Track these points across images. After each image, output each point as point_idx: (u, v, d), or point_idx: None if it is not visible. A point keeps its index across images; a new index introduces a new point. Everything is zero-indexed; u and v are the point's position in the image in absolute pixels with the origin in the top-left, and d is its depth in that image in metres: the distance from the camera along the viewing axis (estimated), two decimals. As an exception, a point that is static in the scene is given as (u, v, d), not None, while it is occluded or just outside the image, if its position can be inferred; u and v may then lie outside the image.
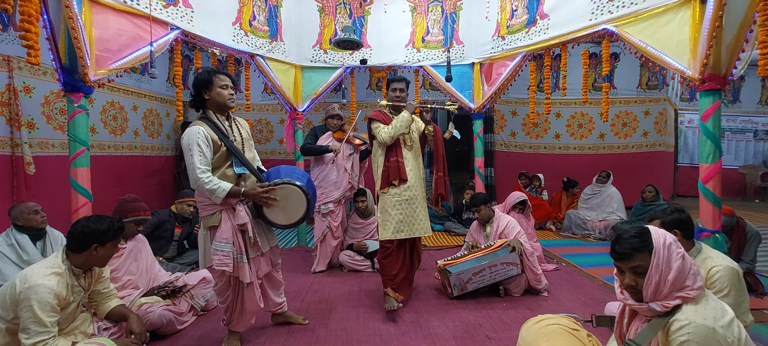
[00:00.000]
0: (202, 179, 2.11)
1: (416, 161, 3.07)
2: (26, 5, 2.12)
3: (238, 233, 2.25)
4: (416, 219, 3.01)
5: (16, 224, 2.67)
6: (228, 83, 2.29)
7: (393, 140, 2.95)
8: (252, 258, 2.32)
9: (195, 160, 2.11)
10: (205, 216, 2.28)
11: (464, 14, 4.67)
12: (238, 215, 2.23)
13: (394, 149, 2.98)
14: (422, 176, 3.12)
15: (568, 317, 1.82)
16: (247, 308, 2.37)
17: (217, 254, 2.20)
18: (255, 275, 2.35)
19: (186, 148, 2.14)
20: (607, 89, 3.51)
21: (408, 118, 2.92)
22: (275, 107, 7.00)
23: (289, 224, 2.40)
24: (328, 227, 3.97)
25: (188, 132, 2.16)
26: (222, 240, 2.21)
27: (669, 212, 2.00)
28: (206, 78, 2.24)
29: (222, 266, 2.19)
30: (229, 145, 2.25)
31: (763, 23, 2.23)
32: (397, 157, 2.96)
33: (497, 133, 7.29)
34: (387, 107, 3.07)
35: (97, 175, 3.08)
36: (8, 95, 3.87)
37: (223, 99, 2.27)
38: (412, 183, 2.99)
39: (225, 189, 2.14)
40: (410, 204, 2.97)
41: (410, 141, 3.06)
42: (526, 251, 3.17)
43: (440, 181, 3.14)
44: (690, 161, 8.57)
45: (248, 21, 4.02)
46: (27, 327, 1.78)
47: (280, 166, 2.53)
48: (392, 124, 2.93)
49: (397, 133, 2.91)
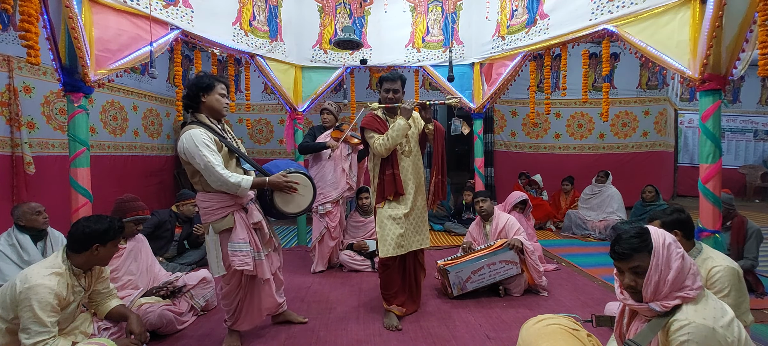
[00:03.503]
0: (225, 175, 2.09)
1: (415, 168, 2.80)
2: (26, 5, 2.12)
3: (253, 232, 2.29)
4: (418, 231, 2.82)
5: (18, 224, 2.67)
6: (226, 93, 2.33)
7: (390, 152, 2.68)
8: (266, 255, 2.37)
9: (211, 159, 2.08)
10: (215, 221, 2.22)
11: (464, 14, 4.67)
12: (252, 214, 2.28)
13: (389, 160, 2.71)
14: (423, 181, 2.89)
15: (568, 317, 1.82)
16: (262, 305, 2.42)
17: (236, 255, 2.21)
18: (270, 271, 2.40)
19: (194, 152, 2.08)
20: (607, 89, 3.51)
21: (404, 127, 2.63)
22: (275, 107, 7.00)
23: (300, 211, 2.50)
24: (325, 228, 3.96)
25: (189, 136, 2.10)
26: (239, 241, 2.22)
27: (669, 212, 2.00)
28: (208, 82, 2.25)
29: (243, 265, 2.21)
30: (229, 145, 2.27)
31: (763, 23, 2.23)
32: (393, 170, 2.70)
33: (497, 133, 7.29)
34: (380, 110, 2.79)
35: (97, 175, 3.09)
36: (8, 95, 3.87)
37: (219, 106, 2.28)
38: (412, 193, 2.75)
39: (249, 180, 2.17)
40: (410, 217, 2.75)
41: (408, 147, 2.76)
42: (528, 249, 3.17)
43: (439, 185, 2.86)
44: (690, 161, 8.56)
45: (248, 21, 4.02)
46: (27, 327, 1.79)
47: (276, 159, 2.59)
48: (387, 134, 2.63)
49: (394, 144, 2.64)
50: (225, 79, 2.34)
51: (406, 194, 2.74)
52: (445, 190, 2.95)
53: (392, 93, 2.71)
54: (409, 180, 2.76)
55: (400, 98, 2.75)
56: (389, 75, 2.73)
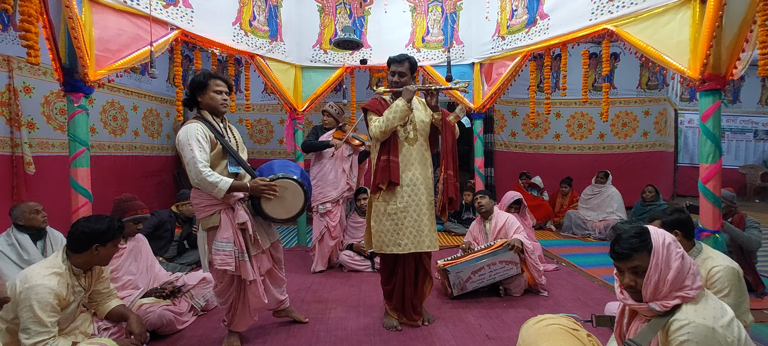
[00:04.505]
0: (204, 173, 2.09)
1: (422, 160, 2.54)
2: (26, 5, 2.12)
3: (239, 232, 2.26)
4: (418, 231, 2.50)
5: (17, 224, 2.67)
6: (222, 89, 2.31)
7: (386, 135, 2.46)
8: (253, 255, 2.33)
9: (196, 154, 2.09)
10: (204, 218, 2.26)
11: (464, 14, 4.67)
12: (238, 214, 2.24)
13: (386, 146, 2.49)
14: (430, 177, 2.60)
15: (568, 317, 1.82)
16: (250, 306, 2.39)
17: (218, 254, 2.20)
18: (257, 272, 2.37)
19: (184, 144, 2.11)
20: (607, 89, 3.51)
21: (402, 108, 2.40)
22: (275, 107, 6.99)
23: (289, 217, 2.43)
24: (325, 227, 3.97)
25: (185, 129, 2.15)
26: (223, 240, 2.21)
27: (669, 212, 2.00)
28: (201, 81, 2.26)
29: (224, 265, 2.19)
30: (225, 144, 2.26)
31: (763, 23, 2.23)
32: (388, 156, 2.46)
33: (497, 133, 7.29)
34: (387, 94, 2.61)
35: (97, 175, 3.09)
36: (8, 95, 3.87)
37: (215, 103, 2.28)
38: (411, 185, 2.50)
39: (228, 182, 2.14)
40: (407, 213, 2.48)
41: (413, 133, 2.51)
42: (528, 248, 3.17)
43: (450, 182, 2.52)
44: (690, 161, 8.56)
45: (248, 21, 4.02)
46: (27, 327, 1.79)
47: (273, 160, 2.55)
48: (384, 114, 2.44)
49: (390, 125, 2.42)
50: (220, 75, 2.33)
51: (403, 185, 2.50)
52: (457, 191, 2.60)
53: (398, 76, 2.52)
54: (410, 170, 2.51)
55: (407, 82, 2.53)
56: (396, 57, 2.56)
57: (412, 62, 2.57)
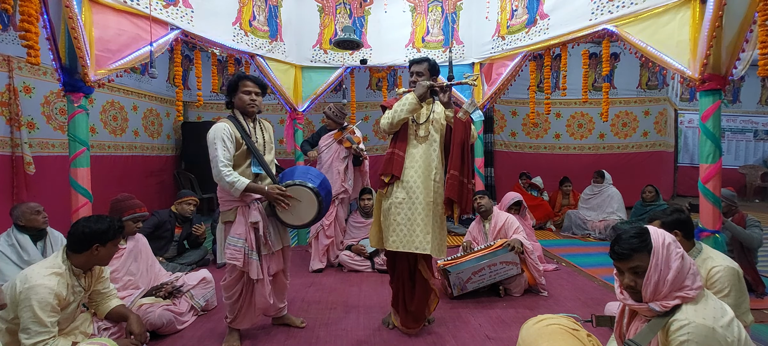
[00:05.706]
0: (223, 172, 2.21)
1: (427, 159, 2.47)
2: (26, 5, 2.12)
3: (251, 230, 2.32)
4: (411, 231, 2.41)
5: (17, 224, 2.66)
6: (251, 89, 2.39)
7: (394, 128, 2.46)
8: (263, 255, 2.39)
9: (219, 153, 2.22)
10: (223, 212, 2.39)
11: (464, 14, 4.67)
12: (251, 214, 2.32)
13: (395, 139, 2.51)
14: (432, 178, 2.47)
15: (568, 317, 1.82)
16: (256, 304, 2.44)
17: (229, 248, 2.30)
18: (266, 273, 2.41)
19: (210, 143, 2.25)
20: (607, 89, 3.51)
21: (411, 102, 2.39)
22: (275, 107, 7.00)
23: (301, 224, 2.47)
24: (320, 225, 3.99)
25: (214, 128, 2.27)
26: (235, 235, 2.31)
27: (669, 212, 2.00)
28: (234, 81, 2.40)
29: (233, 260, 2.29)
30: (251, 145, 2.35)
31: (763, 23, 2.23)
32: (394, 149, 2.48)
33: (497, 133, 7.29)
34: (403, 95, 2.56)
35: (97, 175, 3.09)
36: (8, 95, 3.87)
37: (243, 103, 2.38)
38: (412, 184, 2.43)
39: (244, 183, 2.23)
40: (400, 210, 2.43)
41: (424, 131, 2.49)
42: (527, 249, 3.17)
43: (454, 182, 2.39)
44: (690, 161, 8.56)
45: (248, 21, 4.02)
46: (27, 327, 1.78)
47: (295, 166, 2.57)
48: (393, 106, 2.45)
49: (397, 118, 2.41)
50: (251, 76, 2.45)
51: (402, 181, 2.45)
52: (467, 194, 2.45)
53: (416, 76, 2.53)
54: (412, 168, 2.46)
55: None
56: (417, 58, 2.58)
57: (432, 63, 2.57)
